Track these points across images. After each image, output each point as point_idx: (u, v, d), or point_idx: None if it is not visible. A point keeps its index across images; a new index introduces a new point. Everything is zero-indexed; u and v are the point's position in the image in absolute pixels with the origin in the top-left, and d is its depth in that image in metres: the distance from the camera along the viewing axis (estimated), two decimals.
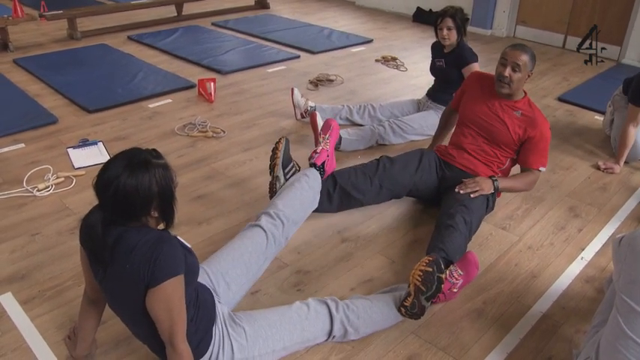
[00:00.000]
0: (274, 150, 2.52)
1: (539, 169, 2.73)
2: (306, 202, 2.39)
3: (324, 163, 2.54)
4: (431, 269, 1.99)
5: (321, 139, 2.66)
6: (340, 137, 3.46)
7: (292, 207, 2.30)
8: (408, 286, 2.03)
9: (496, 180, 2.67)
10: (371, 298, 2.10)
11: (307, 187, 2.41)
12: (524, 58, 2.59)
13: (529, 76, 2.66)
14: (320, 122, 3.38)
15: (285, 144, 2.51)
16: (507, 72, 2.61)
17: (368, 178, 2.71)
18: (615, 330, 1.58)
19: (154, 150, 1.61)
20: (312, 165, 2.54)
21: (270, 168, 2.52)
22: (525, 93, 2.75)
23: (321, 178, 2.53)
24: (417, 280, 1.99)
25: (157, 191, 1.54)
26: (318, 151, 2.58)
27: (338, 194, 2.66)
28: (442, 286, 2.02)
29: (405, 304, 2.02)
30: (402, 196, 2.85)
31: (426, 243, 2.53)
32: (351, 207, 2.78)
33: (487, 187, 2.63)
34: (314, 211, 2.56)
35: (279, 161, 2.47)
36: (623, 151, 3.39)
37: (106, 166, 1.54)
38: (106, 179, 1.51)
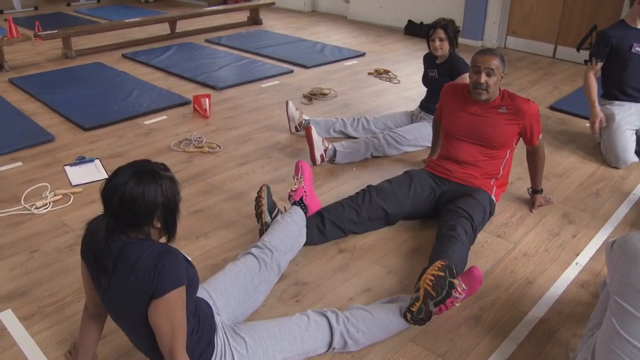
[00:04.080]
0: (258, 199, 2.56)
1: (539, 138, 2.84)
2: (292, 234, 2.43)
3: (302, 197, 2.59)
4: (443, 274, 2.02)
5: (295, 181, 2.69)
6: (335, 150, 3.49)
7: (278, 238, 2.36)
8: (417, 291, 2.06)
9: (536, 189, 3.04)
10: (371, 310, 2.11)
11: (290, 221, 2.47)
12: (496, 62, 2.67)
13: (502, 77, 2.73)
14: (315, 135, 3.42)
15: (267, 191, 2.56)
16: (483, 79, 2.67)
17: (354, 211, 2.70)
18: (610, 331, 1.61)
19: (162, 164, 1.65)
20: (293, 203, 2.60)
21: (257, 216, 2.57)
22: (500, 89, 2.79)
23: (305, 214, 2.57)
24: (428, 284, 2.01)
25: (161, 201, 1.57)
26: (294, 189, 2.63)
27: (329, 230, 2.66)
28: (452, 291, 2.05)
29: (412, 309, 2.04)
30: (395, 222, 2.84)
31: (423, 252, 2.57)
32: (345, 237, 2.76)
33: (540, 200, 3.06)
34: (310, 244, 2.61)
35: (265, 208, 2.52)
36: (591, 96, 3.69)
37: (115, 174, 1.57)
38: (113, 185, 1.54)
